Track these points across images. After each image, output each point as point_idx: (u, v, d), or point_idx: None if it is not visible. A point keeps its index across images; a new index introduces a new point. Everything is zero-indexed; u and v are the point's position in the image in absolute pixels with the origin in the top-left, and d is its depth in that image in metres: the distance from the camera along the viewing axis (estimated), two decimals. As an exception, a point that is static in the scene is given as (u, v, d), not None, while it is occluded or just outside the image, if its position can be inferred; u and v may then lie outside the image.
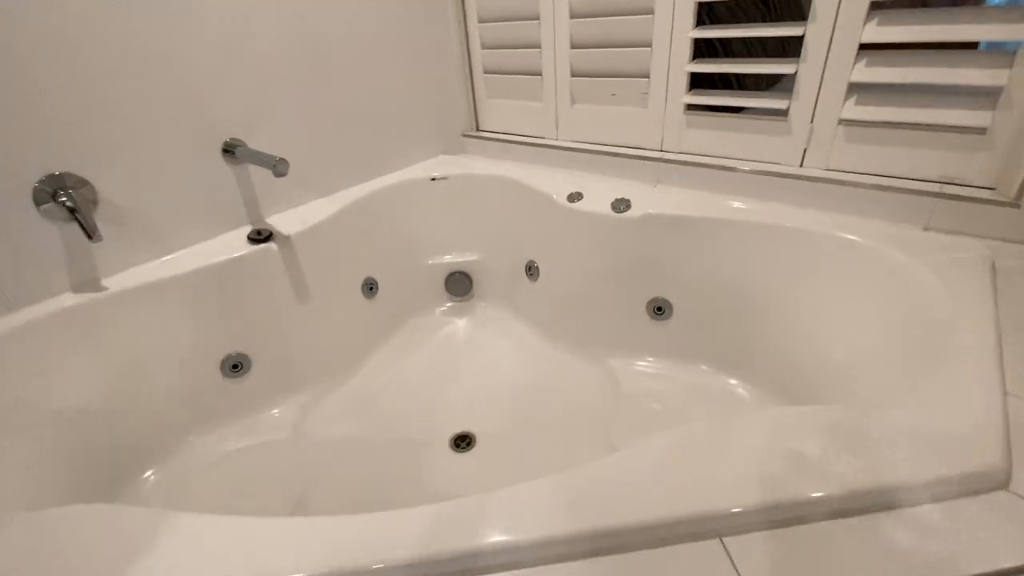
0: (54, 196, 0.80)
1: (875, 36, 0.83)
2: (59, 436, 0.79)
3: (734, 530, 0.41)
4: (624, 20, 1.05)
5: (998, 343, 0.58)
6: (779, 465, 0.45)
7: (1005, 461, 0.44)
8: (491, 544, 0.41)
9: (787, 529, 0.41)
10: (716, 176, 1.05)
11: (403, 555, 0.41)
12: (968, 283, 0.69)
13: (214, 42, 0.91)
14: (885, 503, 0.42)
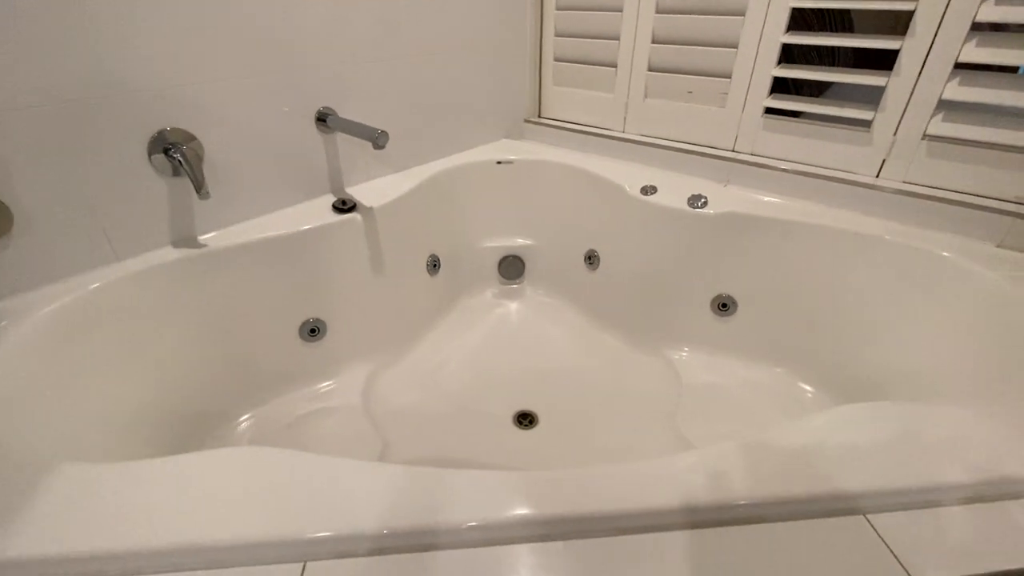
0: (165, 150, 0.82)
1: (973, 56, 0.85)
2: (159, 383, 0.82)
3: (877, 507, 0.45)
4: (713, 19, 1.07)
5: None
6: (919, 451, 0.48)
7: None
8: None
9: (924, 511, 0.45)
10: (788, 180, 1.07)
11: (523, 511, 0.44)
12: (1052, 301, 0.73)
13: (315, 11, 0.92)
14: (1013, 491, 0.46)
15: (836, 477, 0.46)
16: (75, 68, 0.70)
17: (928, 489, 0.45)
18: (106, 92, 0.73)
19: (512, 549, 0.43)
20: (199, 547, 0.42)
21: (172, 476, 0.48)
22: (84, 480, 0.48)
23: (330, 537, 0.43)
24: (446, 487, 0.47)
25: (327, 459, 0.50)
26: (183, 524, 0.44)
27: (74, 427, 0.66)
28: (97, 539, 0.42)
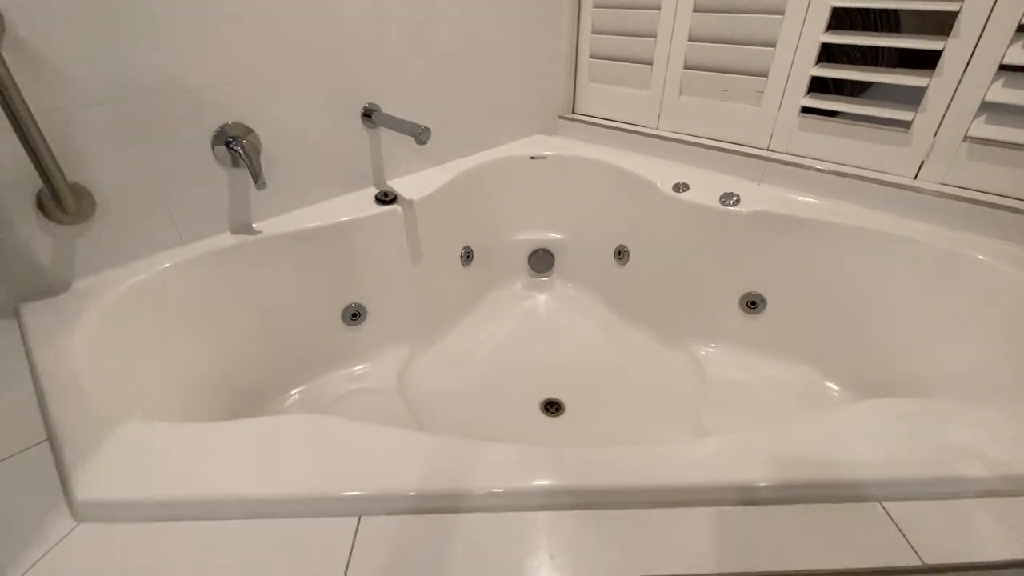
0: (227, 143, 0.88)
1: (1019, 58, 0.84)
2: (217, 356, 0.89)
3: (895, 495, 0.47)
4: (751, 18, 1.07)
5: None
6: (938, 445, 0.50)
7: None
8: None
9: (942, 502, 0.47)
10: (823, 180, 1.07)
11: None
12: (1091, 307, 0.72)
13: (361, 12, 0.97)
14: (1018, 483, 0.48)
15: (853, 465, 0.48)
16: (149, 68, 0.77)
17: (944, 480, 0.47)
18: (176, 89, 0.80)
19: (537, 515, 0.47)
20: (266, 499, 0.48)
21: (241, 435, 0.54)
22: (159, 435, 0.54)
23: (381, 495, 0.48)
24: (480, 457, 0.52)
25: (376, 427, 0.55)
26: (252, 477, 0.49)
27: (143, 390, 0.73)
28: (170, 487, 0.48)
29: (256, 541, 0.45)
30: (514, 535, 0.46)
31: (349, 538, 0.45)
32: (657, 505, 0.48)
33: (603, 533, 0.46)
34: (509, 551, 0.44)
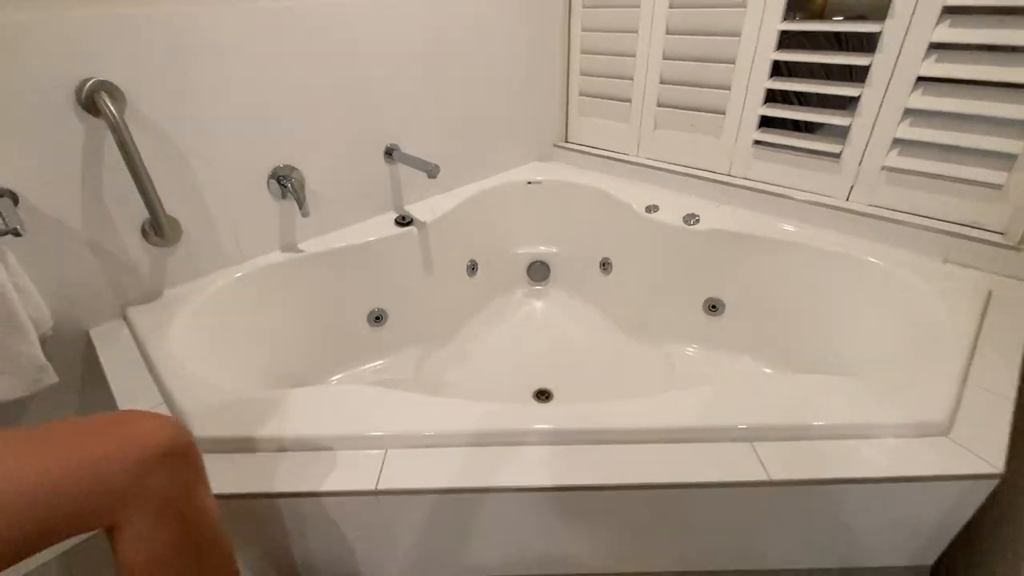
0: (278, 179, 1.11)
1: (919, 104, 1.03)
2: (274, 350, 1.12)
3: (762, 437, 0.66)
4: (710, 66, 1.28)
5: (971, 352, 0.80)
6: (804, 405, 0.69)
7: (948, 420, 0.67)
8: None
9: (797, 443, 0.66)
10: (774, 202, 1.26)
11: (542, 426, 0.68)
12: (964, 308, 0.90)
13: (383, 68, 1.19)
14: (862, 432, 0.66)
15: (739, 418, 0.68)
16: (222, 127, 1.00)
17: (796, 428, 0.66)
18: (242, 142, 1.03)
19: (531, 448, 0.67)
20: (331, 436, 0.69)
21: (309, 397, 0.75)
22: (253, 399, 0.76)
23: (406, 435, 0.69)
24: (485, 411, 0.72)
25: (401, 392, 0.76)
26: (321, 421, 0.71)
27: (221, 378, 0.95)
28: (255, 428, 0.70)
29: (321, 461, 0.67)
30: (515, 461, 0.66)
31: (379, 462, 0.66)
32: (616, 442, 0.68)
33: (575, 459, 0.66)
34: (508, 473, 0.65)
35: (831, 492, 0.64)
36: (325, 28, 1.07)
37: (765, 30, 1.16)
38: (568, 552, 0.73)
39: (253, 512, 0.67)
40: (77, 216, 0.89)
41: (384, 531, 0.70)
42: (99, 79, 0.84)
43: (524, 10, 1.41)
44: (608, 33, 1.44)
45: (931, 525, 0.69)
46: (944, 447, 0.66)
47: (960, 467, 0.63)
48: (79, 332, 0.95)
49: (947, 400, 0.70)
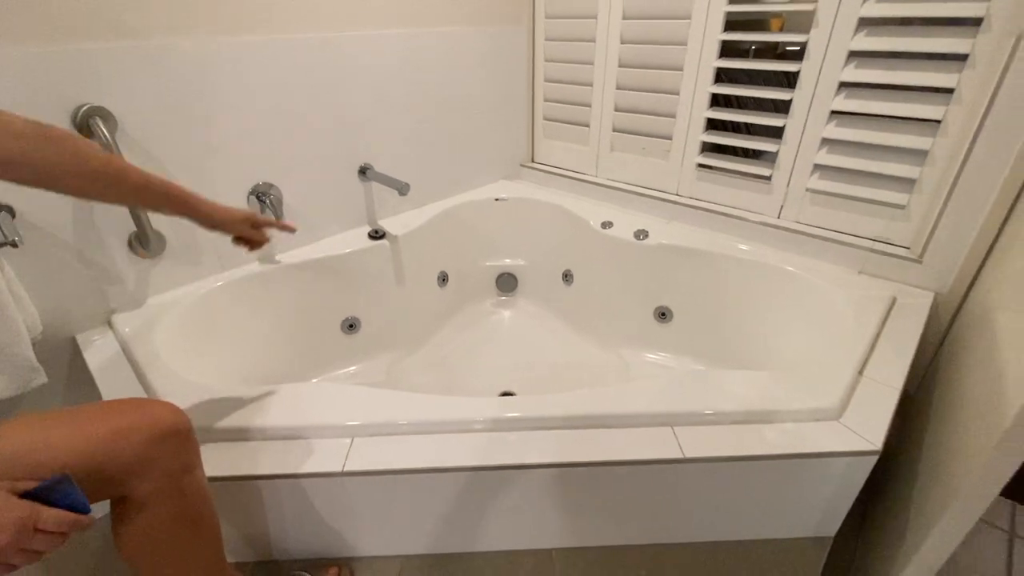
0: (258, 195, 1.20)
1: (834, 134, 1.17)
2: (256, 353, 1.19)
3: (681, 422, 0.77)
4: (658, 96, 1.41)
5: (869, 350, 0.92)
6: (717, 395, 0.80)
7: (841, 406, 0.79)
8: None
9: (710, 427, 0.77)
10: (715, 219, 1.39)
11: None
12: (869, 312, 1.03)
13: (360, 94, 1.29)
14: (766, 417, 0.77)
15: (664, 406, 0.78)
16: (207, 145, 1.08)
17: (710, 413, 0.77)
18: (226, 159, 1.12)
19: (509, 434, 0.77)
20: (299, 427, 0.77)
21: (292, 393, 0.83)
22: (236, 395, 0.83)
23: (369, 424, 0.77)
24: (441, 402, 0.81)
25: (370, 388, 0.84)
26: (287, 414, 0.79)
27: (203, 379, 1.02)
28: (239, 419, 0.78)
29: (290, 449, 0.75)
30: (488, 446, 0.75)
31: (346, 448, 0.74)
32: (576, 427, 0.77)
33: (518, 443, 0.75)
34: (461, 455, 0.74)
35: (737, 468, 0.75)
36: (305, 58, 1.16)
37: (704, 66, 1.30)
38: (512, 530, 0.82)
39: (234, 495, 0.75)
40: (68, 229, 0.96)
41: (349, 510, 0.78)
42: (93, 105, 0.92)
43: (493, 42, 1.54)
44: (568, 64, 1.57)
45: (827, 498, 0.80)
46: (834, 429, 0.77)
47: (844, 445, 0.74)
48: (66, 337, 1.01)
49: (840, 390, 0.81)
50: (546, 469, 0.74)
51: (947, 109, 1.03)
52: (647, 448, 0.74)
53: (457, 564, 0.84)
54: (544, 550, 0.86)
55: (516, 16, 1.57)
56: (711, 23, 1.25)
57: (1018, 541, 1.15)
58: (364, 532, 0.83)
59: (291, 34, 1.13)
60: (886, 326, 1.01)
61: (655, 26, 1.34)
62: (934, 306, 1.11)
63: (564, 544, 0.86)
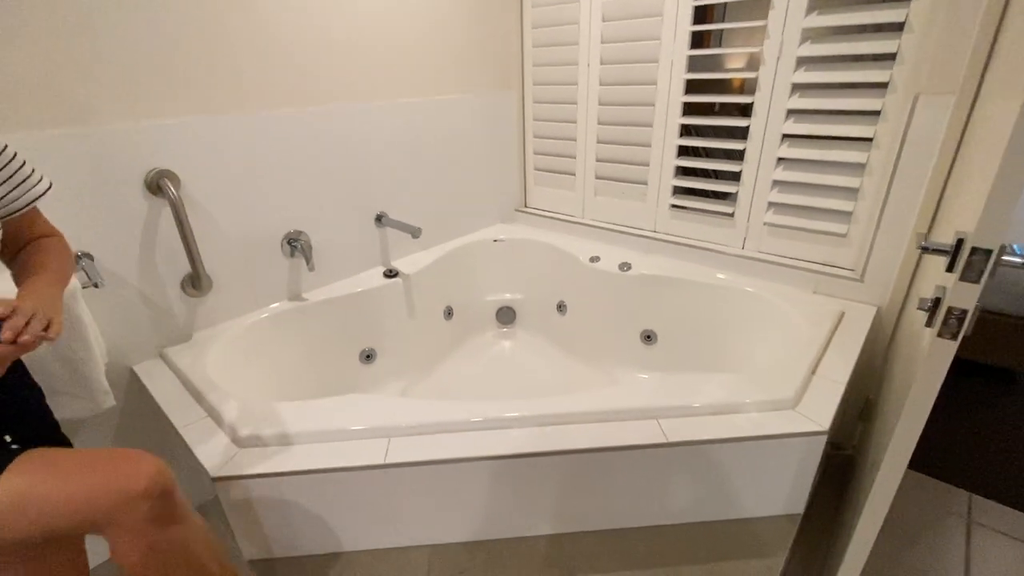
0: (290, 241, 1.37)
1: (782, 176, 1.39)
2: (288, 377, 1.32)
3: (664, 415, 0.92)
4: (632, 148, 1.64)
5: (820, 354, 1.09)
6: (693, 392, 0.96)
7: (796, 399, 0.95)
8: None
9: (689, 418, 0.92)
10: (689, 252, 1.59)
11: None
12: (820, 325, 1.20)
13: (375, 153, 1.50)
14: (735, 409, 0.93)
15: (649, 401, 0.94)
16: (250, 196, 1.26)
17: (686, 407, 0.92)
18: (263, 209, 1.30)
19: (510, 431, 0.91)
20: (337, 429, 0.91)
21: (323, 406, 0.97)
22: (282, 407, 0.97)
23: (406, 426, 0.91)
24: (476, 408, 0.95)
25: (398, 399, 0.99)
26: (331, 420, 0.92)
27: (254, 394, 1.15)
28: (288, 426, 0.91)
29: (334, 449, 0.88)
30: (487, 441, 0.89)
31: (385, 446, 0.88)
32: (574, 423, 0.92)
33: (528, 437, 0.89)
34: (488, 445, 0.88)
35: (712, 451, 0.89)
36: (331, 124, 1.37)
37: (670, 122, 1.53)
38: (526, 518, 0.95)
39: (292, 490, 0.87)
40: (134, 273, 1.12)
41: (387, 501, 0.91)
42: (161, 168, 1.10)
43: (489, 105, 1.77)
44: (554, 122, 1.81)
45: (791, 478, 0.94)
46: (790, 417, 0.93)
47: (798, 428, 0.90)
48: (124, 367, 1.15)
49: (795, 386, 0.97)
50: (551, 457, 0.88)
51: (869, 154, 1.25)
52: (636, 435, 0.89)
53: (480, 550, 0.96)
54: (555, 535, 0.98)
55: (508, 83, 1.82)
56: (674, 87, 1.49)
57: (975, 526, 1.29)
58: (398, 523, 0.95)
59: (321, 105, 1.34)
60: (835, 335, 1.19)
61: (627, 91, 1.59)
62: (878, 318, 1.30)
63: (570, 529, 0.98)
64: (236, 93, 1.18)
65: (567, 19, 1.64)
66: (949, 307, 0.62)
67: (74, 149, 0.99)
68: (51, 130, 0.96)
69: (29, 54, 0.91)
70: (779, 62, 1.30)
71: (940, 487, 1.40)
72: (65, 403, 0.95)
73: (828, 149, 1.30)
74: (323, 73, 1.32)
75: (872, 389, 1.38)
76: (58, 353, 0.93)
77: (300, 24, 1.25)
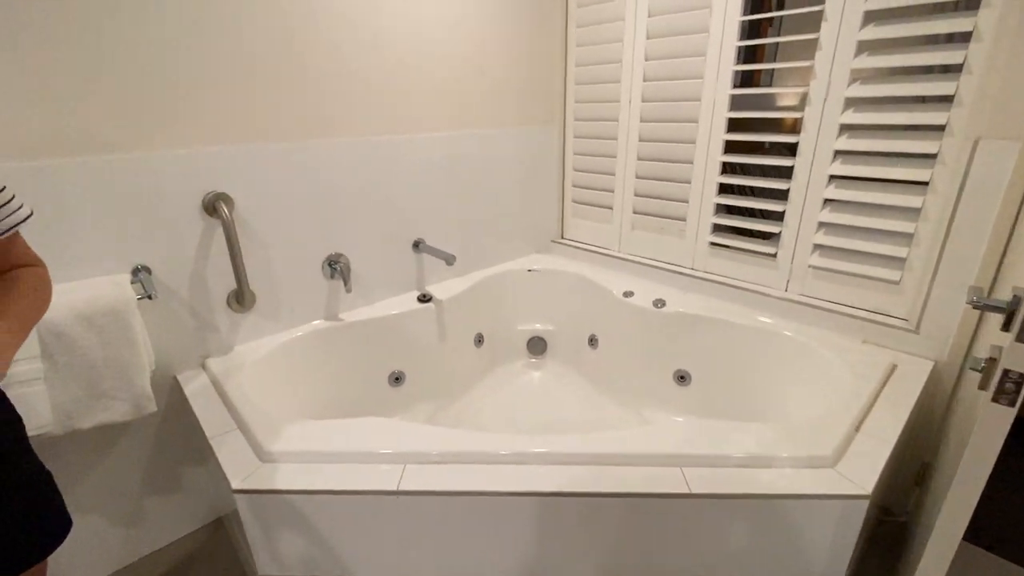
0: (330, 263, 1.43)
1: (829, 218, 1.33)
2: (323, 393, 1.36)
3: (689, 463, 0.88)
4: (671, 184, 1.62)
5: (867, 410, 1.02)
6: (721, 441, 0.91)
7: (836, 456, 0.88)
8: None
9: (716, 468, 0.87)
10: (728, 291, 1.54)
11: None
12: (868, 377, 1.12)
13: (414, 181, 1.55)
14: (767, 463, 0.87)
15: (675, 448, 0.90)
16: (296, 219, 1.33)
17: (713, 456, 0.88)
18: (306, 232, 1.36)
19: (536, 468, 0.89)
20: (355, 451, 0.91)
21: (349, 425, 0.99)
22: (308, 425, 0.99)
23: (420, 452, 0.91)
24: (500, 441, 0.94)
25: (419, 424, 0.99)
26: (348, 441, 0.93)
27: (285, 409, 1.19)
28: (313, 446, 0.93)
29: (350, 471, 0.89)
30: (518, 476, 0.88)
31: (399, 472, 0.88)
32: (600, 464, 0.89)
33: (546, 475, 0.87)
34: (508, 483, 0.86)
35: (739, 506, 0.84)
36: (376, 153, 1.44)
37: (711, 159, 1.51)
38: (539, 561, 0.91)
39: (296, 509, 0.89)
40: (185, 287, 1.19)
41: (396, 529, 0.90)
42: (217, 191, 1.19)
43: (529, 139, 1.81)
44: (594, 157, 1.82)
45: (828, 542, 0.87)
46: (829, 476, 0.86)
47: (836, 489, 0.83)
48: (168, 376, 1.21)
49: (835, 442, 0.91)
50: (570, 498, 0.85)
51: (925, 198, 1.18)
52: (657, 483, 0.85)
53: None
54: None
55: (549, 118, 1.86)
56: (716, 125, 1.47)
57: None
58: (411, 554, 0.94)
59: (367, 136, 1.41)
60: (885, 390, 1.11)
61: (668, 128, 1.58)
62: (935, 373, 1.20)
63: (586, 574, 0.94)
64: (289, 123, 1.27)
65: (610, 58, 1.66)
66: (1005, 369, 0.57)
67: (140, 172, 1.08)
68: (121, 154, 1.05)
69: (109, 88, 1.02)
70: (826, 103, 1.27)
71: (1002, 565, 1.25)
72: (108, 405, 1.01)
73: (880, 192, 1.24)
74: (370, 107, 1.40)
75: (929, 451, 1.26)
76: (108, 358, 1.00)
77: (350, 62, 1.33)
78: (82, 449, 1.14)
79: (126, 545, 1.27)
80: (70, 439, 1.11)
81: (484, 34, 1.59)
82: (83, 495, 1.16)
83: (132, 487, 1.24)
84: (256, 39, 1.17)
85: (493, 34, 1.61)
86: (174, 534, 1.34)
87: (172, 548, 1.32)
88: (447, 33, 1.50)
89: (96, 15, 0.98)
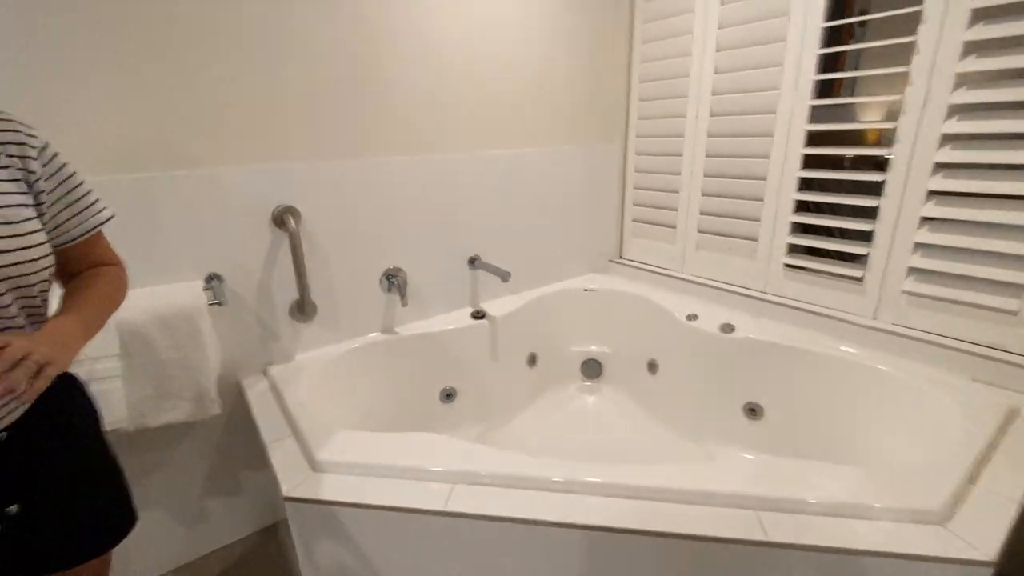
0: (388, 277, 1.44)
1: (926, 239, 1.19)
2: (376, 405, 1.36)
3: (766, 507, 0.78)
4: (741, 202, 1.52)
5: (981, 458, 0.87)
6: (803, 485, 0.81)
7: (946, 512, 0.75)
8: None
9: (797, 515, 0.77)
10: (806, 317, 1.41)
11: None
12: (982, 421, 0.97)
13: (472, 199, 1.55)
14: (860, 513, 0.76)
15: (744, 485, 0.80)
16: (358, 242, 1.36)
17: (795, 501, 0.77)
18: (367, 245, 1.39)
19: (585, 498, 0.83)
20: (407, 467, 0.89)
21: (401, 439, 0.97)
22: (360, 436, 0.98)
23: (470, 472, 0.87)
24: (546, 464, 0.89)
25: (470, 443, 0.95)
26: (410, 457, 0.91)
27: (339, 419, 1.20)
28: (364, 458, 0.91)
29: (399, 487, 0.86)
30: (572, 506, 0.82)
31: (447, 491, 0.85)
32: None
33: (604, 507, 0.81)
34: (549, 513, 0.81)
35: (826, 561, 0.73)
36: (436, 171, 1.46)
37: (787, 174, 1.40)
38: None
39: (341, 521, 0.87)
40: (253, 295, 1.24)
41: (443, 551, 0.86)
42: (286, 204, 1.23)
43: (589, 157, 1.78)
44: (656, 174, 1.75)
45: (938, 615, 0.74)
46: (938, 534, 0.73)
47: (951, 551, 0.70)
48: (232, 380, 1.26)
49: (945, 495, 0.78)
50: (626, 535, 0.78)
51: (1049, 217, 1.03)
52: (727, 526, 0.76)
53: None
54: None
55: (610, 135, 1.82)
56: (792, 139, 1.37)
57: None
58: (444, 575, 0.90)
59: (428, 155, 1.43)
60: (1005, 437, 0.95)
61: (739, 143, 1.50)
62: (1067, 422, 1.02)
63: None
64: (355, 141, 1.31)
65: (677, 72, 1.61)
66: None
67: (220, 185, 1.14)
68: (207, 169, 1.12)
69: (198, 108, 1.09)
70: (924, 111, 1.14)
71: None
72: (176, 405, 1.05)
73: (992, 208, 1.09)
74: (433, 126, 1.42)
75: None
76: (179, 359, 1.04)
77: (415, 84, 1.37)
78: (149, 447, 1.19)
79: (186, 543, 1.31)
80: (139, 436, 1.16)
81: (548, 55, 1.59)
82: (148, 491, 1.22)
83: (194, 487, 1.28)
84: (328, 64, 1.22)
85: (557, 55, 1.61)
86: (232, 536, 1.37)
87: (229, 549, 1.35)
88: (511, 53, 1.51)
89: (195, 42, 1.06)
